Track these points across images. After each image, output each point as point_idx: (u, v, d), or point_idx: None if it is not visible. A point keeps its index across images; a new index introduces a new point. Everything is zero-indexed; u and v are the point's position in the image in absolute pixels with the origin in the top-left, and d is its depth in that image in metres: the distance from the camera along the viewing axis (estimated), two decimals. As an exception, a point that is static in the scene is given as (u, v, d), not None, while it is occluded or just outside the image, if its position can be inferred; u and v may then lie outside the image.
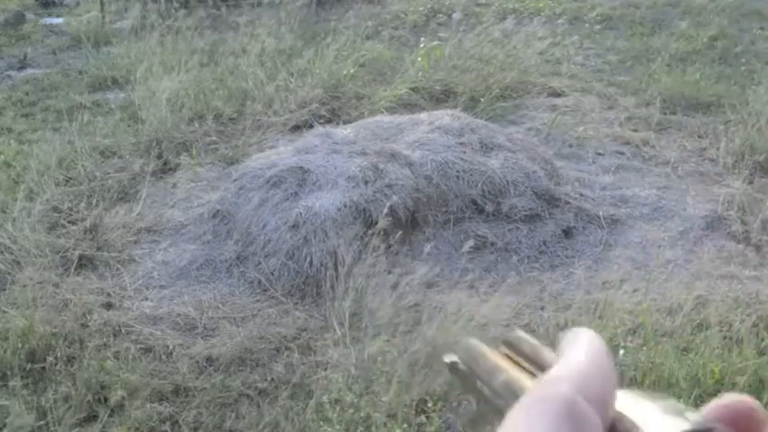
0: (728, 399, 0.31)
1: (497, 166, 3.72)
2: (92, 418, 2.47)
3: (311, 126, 4.64)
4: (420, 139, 3.88)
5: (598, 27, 6.93)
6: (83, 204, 3.89)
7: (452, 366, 0.37)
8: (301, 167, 3.65)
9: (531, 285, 3.13)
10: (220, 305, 3.11)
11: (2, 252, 3.39)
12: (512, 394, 0.29)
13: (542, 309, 2.95)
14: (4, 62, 6.82)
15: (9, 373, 2.61)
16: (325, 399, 2.37)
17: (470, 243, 3.32)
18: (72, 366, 2.68)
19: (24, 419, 2.41)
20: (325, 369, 2.59)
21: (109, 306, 3.10)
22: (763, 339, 2.61)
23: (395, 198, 3.35)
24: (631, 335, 2.67)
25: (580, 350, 0.30)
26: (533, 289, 3.11)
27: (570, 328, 0.33)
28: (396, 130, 4.09)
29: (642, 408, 0.29)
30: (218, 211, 3.71)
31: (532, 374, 0.33)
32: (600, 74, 5.90)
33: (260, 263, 3.29)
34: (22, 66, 6.69)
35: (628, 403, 0.29)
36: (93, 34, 6.79)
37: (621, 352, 2.45)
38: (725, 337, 2.65)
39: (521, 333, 0.36)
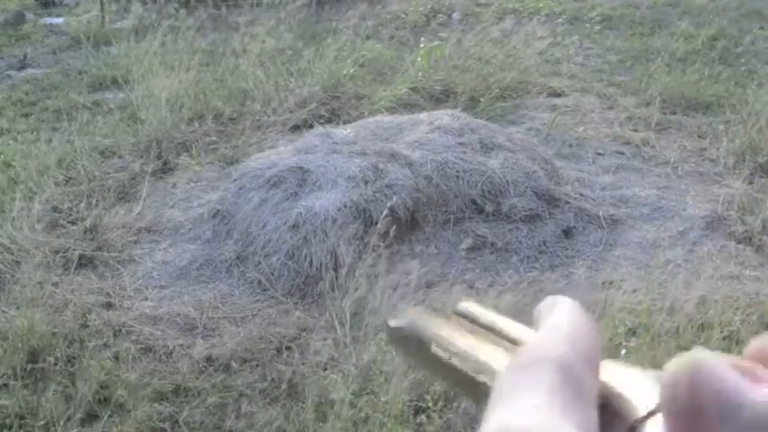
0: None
1: (497, 166, 3.72)
2: (92, 417, 2.46)
3: (311, 126, 4.64)
4: (420, 139, 3.88)
5: (598, 27, 6.92)
6: (82, 204, 3.88)
7: (396, 332, 0.34)
8: (301, 167, 3.65)
9: (531, 285, 3.13)
10: (220, 305, 3.11)
11: (1, 252, 3.39)
12: (472, 355, 0.28)
13: (542, 309, 2.94)
14: (4, 62, 6.81)
15: (9, 372, 2.61)
16: (325, 398, 2.37)
17: (468, 242, 3.32)
18: (72, 366, 2.68)
19: (25, 419, 2.41)
20: (325, 369, 2.59)
21: (109, 306, 3.10)
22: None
23: (395, 199, 3.35)
24: (632, 335, 2.67)
25: (562, 315, 0.29)
26: (533, 289, 3.10)
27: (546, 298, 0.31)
28: (396, 130, 4.09)
29: (626, 374, 0.28)
30: (217, 211, 3.70)
31: (489, 341, 0.31)
32: (600, 74, 5.90)
33: (260, 263, 3.29)
34: (22, 66, 6.68)
35: (612, 371, 0.28)
36: (93, 34, 6.78)
37: (623, 352, 2.45)
38: (725, 338, 2.65)
39: (471, 303, 0.34)
